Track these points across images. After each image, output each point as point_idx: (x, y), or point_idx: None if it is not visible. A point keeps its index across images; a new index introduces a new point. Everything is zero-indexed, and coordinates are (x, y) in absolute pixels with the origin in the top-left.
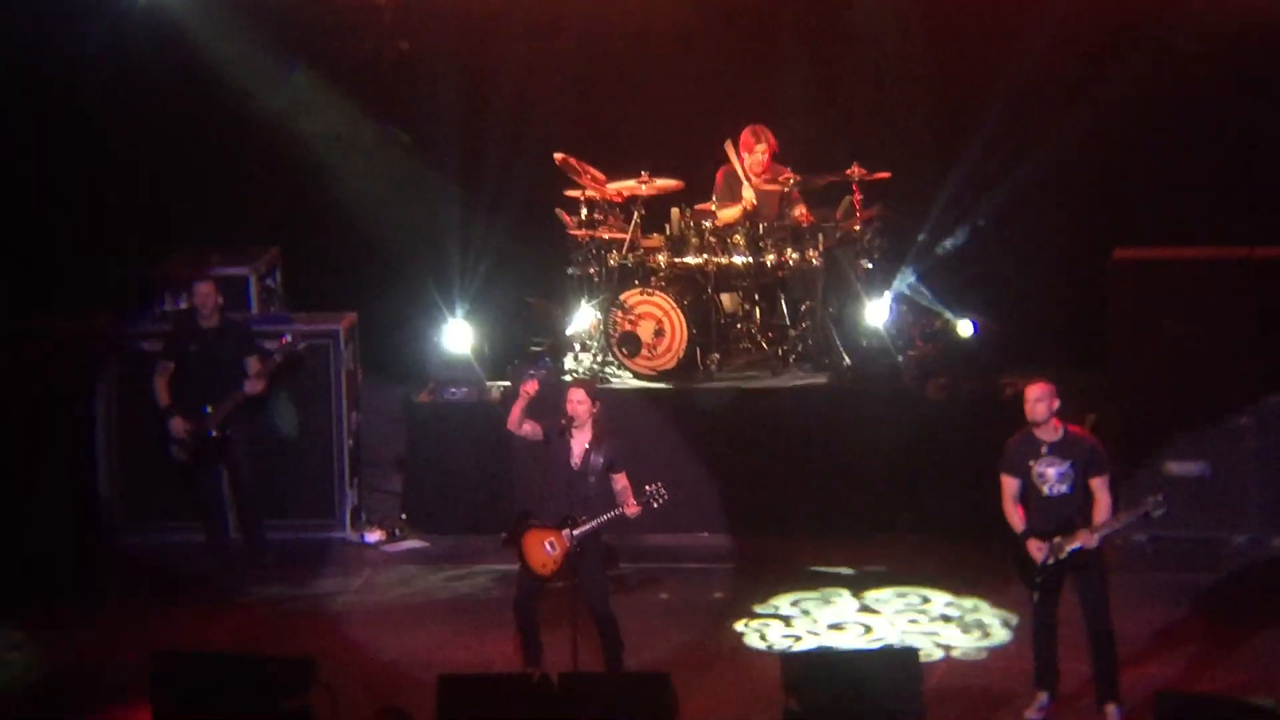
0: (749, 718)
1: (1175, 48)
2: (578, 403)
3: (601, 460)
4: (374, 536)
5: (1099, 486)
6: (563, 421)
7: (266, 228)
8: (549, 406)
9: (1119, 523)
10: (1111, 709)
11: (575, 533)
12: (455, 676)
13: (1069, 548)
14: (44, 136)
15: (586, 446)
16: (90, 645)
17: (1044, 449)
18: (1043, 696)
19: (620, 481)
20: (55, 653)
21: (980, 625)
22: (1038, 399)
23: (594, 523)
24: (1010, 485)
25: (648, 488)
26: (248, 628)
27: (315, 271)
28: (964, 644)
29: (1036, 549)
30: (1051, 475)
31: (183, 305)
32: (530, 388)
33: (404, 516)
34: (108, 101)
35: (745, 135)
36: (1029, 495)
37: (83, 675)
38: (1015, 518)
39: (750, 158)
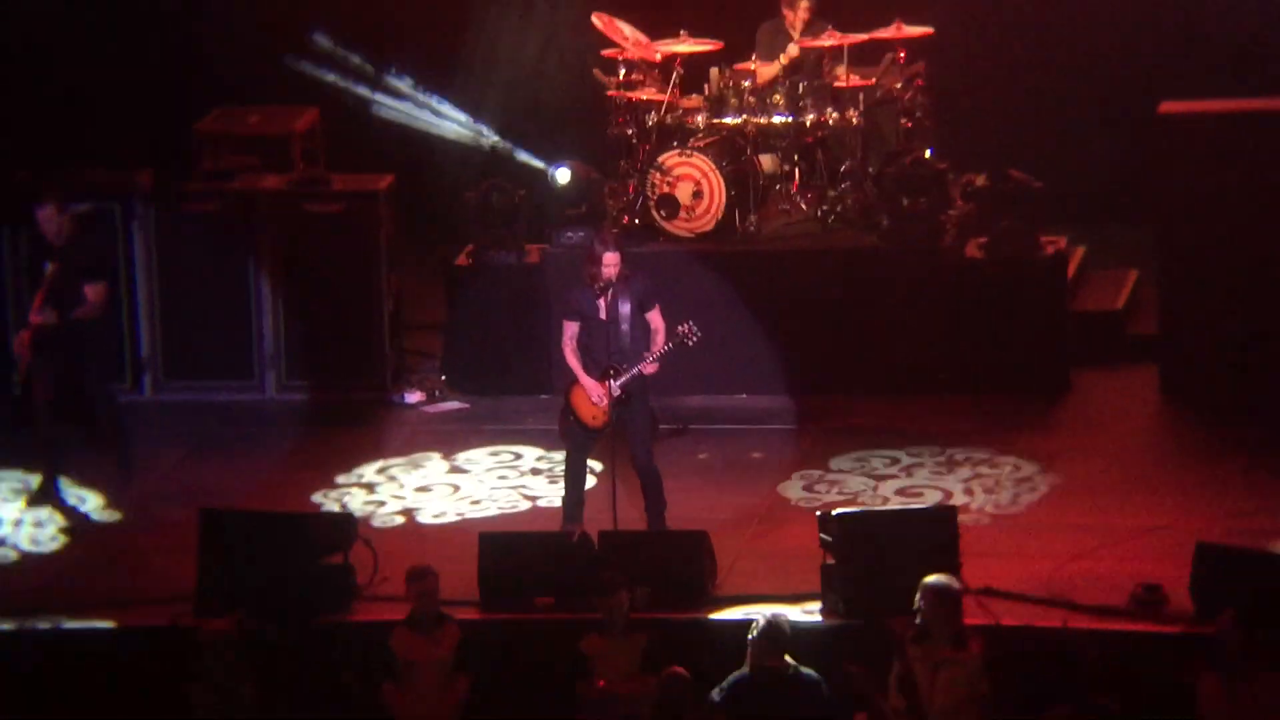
0: (787, 575)
1: None
2: (613, 266)
3: (629, 304)
4: (414, 397)
5: None
6: (597, 285)
7: (305, 88)
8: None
9: None
10: None
11: (617, 381)
12: (496, 535)
13: None
14: None
15: (610, 295)
16: (139, 496)
17: None
18: None
19: (656, 320)
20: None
21: (1015, 480)
22: None
23: (634, 368)
24: None
25: (680, 327)
26: (289, 482)
27: (355, 131)
28: (999, 499)
29: None
30: None
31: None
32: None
33: (443, 378)
34: None
35: None
36: None
37: (130, 526)
38: None
39: (792, 14)
